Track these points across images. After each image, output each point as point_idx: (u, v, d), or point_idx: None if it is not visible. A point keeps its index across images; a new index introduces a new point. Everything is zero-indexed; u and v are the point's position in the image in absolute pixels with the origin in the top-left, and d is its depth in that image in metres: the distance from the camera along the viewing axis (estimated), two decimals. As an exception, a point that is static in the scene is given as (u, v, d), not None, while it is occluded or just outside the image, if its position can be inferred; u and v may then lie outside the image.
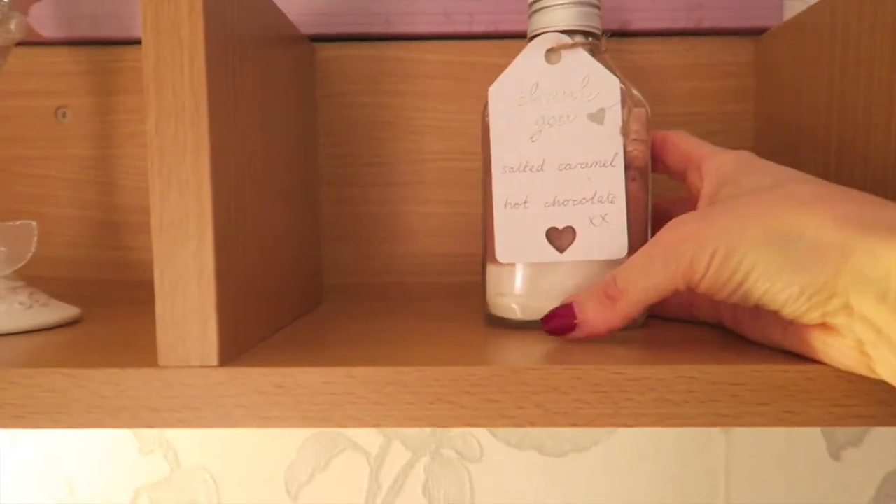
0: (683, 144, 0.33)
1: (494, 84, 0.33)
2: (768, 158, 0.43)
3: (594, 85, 0.32)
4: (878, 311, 0.23)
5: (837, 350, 0.25)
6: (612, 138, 0.32)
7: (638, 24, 0.45)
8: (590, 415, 0.27)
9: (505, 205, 0.33)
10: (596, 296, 0.29)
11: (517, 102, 0.33)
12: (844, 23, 0.36)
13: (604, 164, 0.32)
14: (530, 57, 0.33)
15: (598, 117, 0.32)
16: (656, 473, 0.50)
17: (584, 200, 0.32)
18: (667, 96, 0.46)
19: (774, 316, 0.26)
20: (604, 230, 0.32)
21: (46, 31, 0.44)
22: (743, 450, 0.49)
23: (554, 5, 0.33)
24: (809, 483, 0.49)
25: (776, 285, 0.25)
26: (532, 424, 0.27)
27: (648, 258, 0.28)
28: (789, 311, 0.25)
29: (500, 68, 0.34)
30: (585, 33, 0.33)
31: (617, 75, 0.32)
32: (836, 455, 0.49)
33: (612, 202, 0.32)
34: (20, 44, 0.37)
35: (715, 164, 0.31)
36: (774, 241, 0.25)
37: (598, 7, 0.33)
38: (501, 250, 0.33)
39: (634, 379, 0.26)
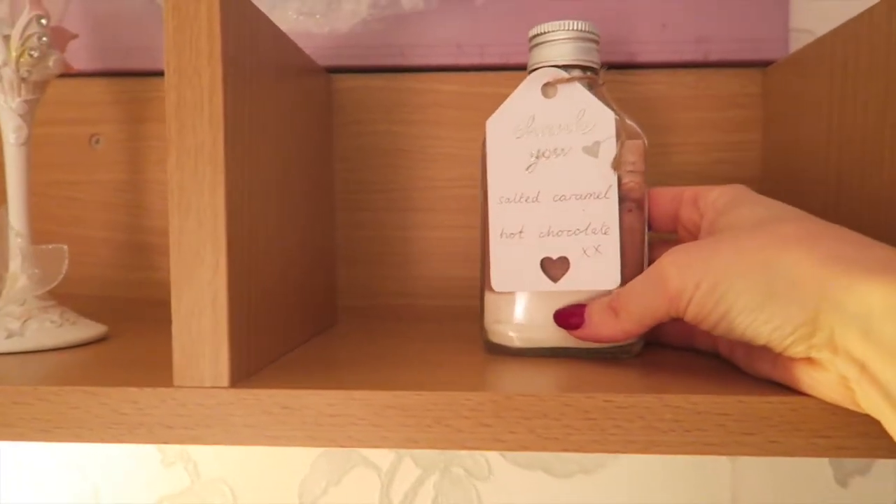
0: (666, 192, 0.35)
1: (492, 117, 0.34)
2: (774, 187, 0.44)
3: (590, 118, 0.33)
4: (861, 348, 0.24)
5: (823, 384, 0.26)
6: (607, 170, 0.33)
7: (645, 56, 0.46)
8: (580, 441, 0.28)
9: (501, 234, 0.34)
10: (603, 306, 0.31)
11: (514, 135, 0.34)
12: (843, 58, 0.36)
13: (598, 196, 0.33)
14: (527, 91, 0.34)
15: (592, 150, 0.33)
16: (662, 498, 0.50)
17: (577, 231, 0.33)
18: (674, 126, 0.47)
19: (764, 350, 0.27)
20: (597, 261, 0.33)
21: (81, 64, 0.47)
22: (749, 477, 0.50)
23: (552, 41, 0.34)
24: (816, 510, 0.49)
25: (758, 318, 0.26)
26: (524, 448, 0.28)
27: (644, 281, 0.30)
28: (774, 343, 0.26)
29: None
30: (583, 67, 0.34)
31: (613, 108, 0.33)
32: (843, 483, 0.49)
33: (605, 233, 0.32)
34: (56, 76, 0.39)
35: (712, 198, 0.32)
36: (756, 277, 0.26)
37: (596, 42, 0.34)
38: (497, 279, 0.34)
39: (623, 407, 0.28)
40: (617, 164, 0.32)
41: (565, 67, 0.34)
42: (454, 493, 0.51)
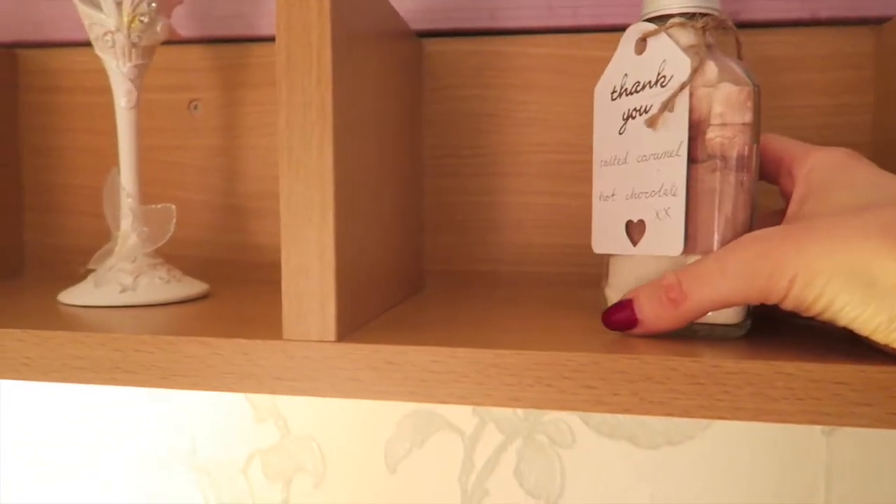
0: (774, 145, 0.32)
1: (599, 81, 0.34)
2: (885, 154, 0.42)
3: (668, 68, 0.31)
4: None
5: None
6: (679, 125, 0.30)
7: (748, 14, 0.44)
8: (685, 405, 0.27)
9: (599, 197, 0.33)
10: (656, 296, 0.29)
11: (611, 97, 0.33)
12: (976, 12, 0.34)
13: (671, 154, 0.30)
14: (623, 49, 0.33)
15: (669, 104, 0.30)
16: (751, 473, 0.49)
17: (653, 193, 0.31)
18: (780, 89, 0.45)
19: None
20: (666, 224, 0.30)
21: (181, 32, 0.48)
22: (845, 453, 0.48)
23: None
24: (919, 493, 0.47)
25: (864, 314, 0.25)
26: (627, 412, 0.28)
27: (721, 270, 0.27)
28: (880, 337, 0.25)
29: (602, 62, 0.34)
30: (687, 14, 0.31)
31: (701, 53, 0.30)
32: (950, 466, 0.47)
33: (674, 195, 0.30)
34: (162, 42, 0.41)
35: (806, 169, 0.30)
36: (857, 273, 0.25)
37: None
38: (596, 241, 0.34)
39: (731, 372, 0.27)
40: (657, 118, 0.30)
41: (667, 17, 0.31)
42: (537, 460, 0.51)
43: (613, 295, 0.33)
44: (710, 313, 0.30)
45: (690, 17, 0.31)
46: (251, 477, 0.55)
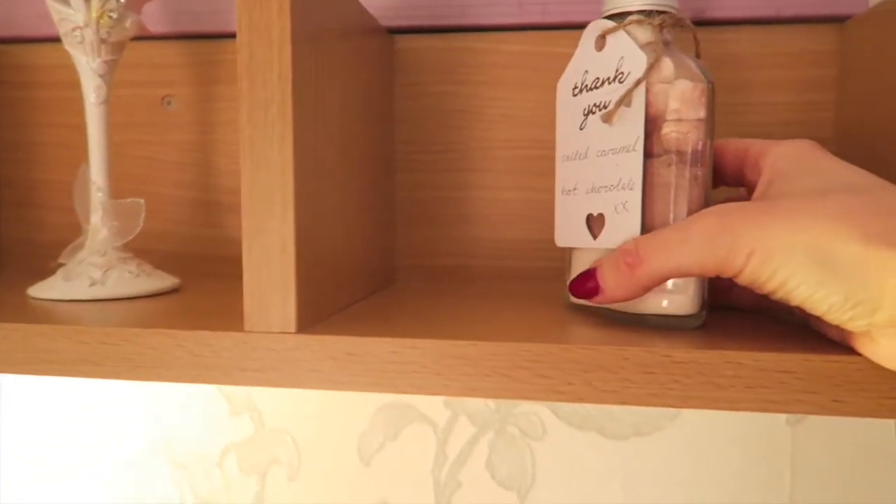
0: (734, 144, 0.32)
1: (561, 77, 0.35)
2: (847, 150, 0.43)
3: (626, 65, 0.31)
4: None
5: (890, 355, 0.25)
6: (636, 120, 0.31)
7: (713, 12, 0.45)
8: (637, 394, 0.28)
9: (562, 192, 0.34)
10: (615, 263, 0.29)
11: (572, 93, 0.34)
12: (928, 11, 0.35)
13: (628, 150, 0.31)
14: (584, 46, 0.34)
15: (627, 99, 0.31)
16: (718, 464, 0.50)
17: (611, 187, 0.32)
18: (744, 86, 0.45)
19: None
20: (623, 218, 0.31)
21: (155, 27, 0.48)
22: (810, 444, 0.49)
23: None
24: (883, 482, 0.48)
25: (817, 294, 0.25)
26: (581, 400, 0.28)
27: (682, 238, 0.28)
28: (833, 318, 0.26)
29: (571, 58, 0.35)
30: (645, 12, 0.32)
31: (659, 50, 0.31)
32: (911, 455, 0.48)
33: (631, 189, 0.31)
34: (132, 38, 0.41)
35: (772, 158, 0.30)
36: (815, 253, 0.25)
37: None
38: (558, 235, 0.34)
39: (681, 362, 0.28)
40: (612, 114, 0.31)
41: (626, 14, 0.32)
42: (508, 452, 0.52)
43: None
44: (665, 303, 0.31)
45: (648, 14, 0.32)
46: (226, 470, 0.55)
